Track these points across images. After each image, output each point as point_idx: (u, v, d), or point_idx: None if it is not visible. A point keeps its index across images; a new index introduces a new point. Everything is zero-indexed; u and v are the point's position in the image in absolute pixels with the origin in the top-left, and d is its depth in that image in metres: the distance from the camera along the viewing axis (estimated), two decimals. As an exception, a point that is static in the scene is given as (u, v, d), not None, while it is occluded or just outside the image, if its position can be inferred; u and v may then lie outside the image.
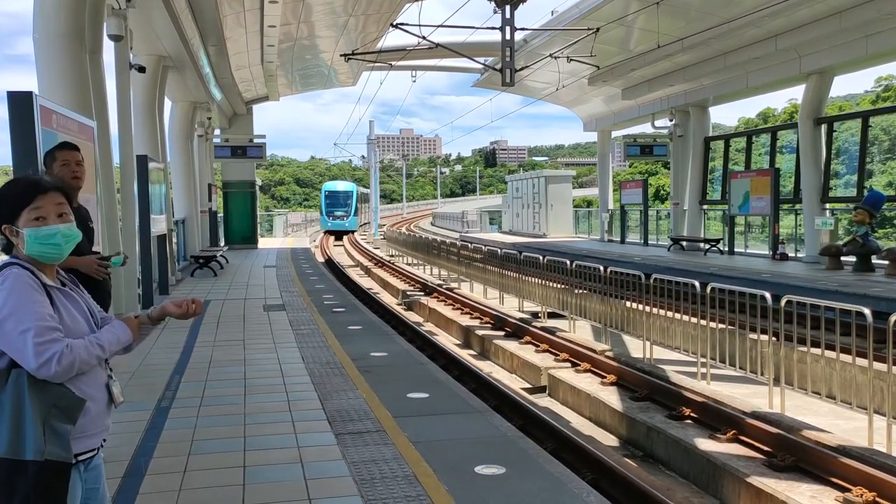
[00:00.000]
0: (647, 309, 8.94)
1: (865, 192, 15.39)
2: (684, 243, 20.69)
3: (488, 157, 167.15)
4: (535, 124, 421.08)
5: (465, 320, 12.55)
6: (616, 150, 42.84)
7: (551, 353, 9.57)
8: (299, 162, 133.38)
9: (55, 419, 2.06)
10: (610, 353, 8.99)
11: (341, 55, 18.71)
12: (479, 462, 4.32)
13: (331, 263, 24.77)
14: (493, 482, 4.05)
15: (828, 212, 16.44)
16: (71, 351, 2.07)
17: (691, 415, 6.60)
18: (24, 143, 5.41)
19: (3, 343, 2.04)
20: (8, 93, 5.48)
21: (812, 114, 16.36)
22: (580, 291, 10.78)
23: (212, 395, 6.01)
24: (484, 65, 21.13)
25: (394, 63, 21.06)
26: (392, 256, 27.32)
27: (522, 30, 16.34)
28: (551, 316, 11.71)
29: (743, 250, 19.25)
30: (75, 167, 4.10)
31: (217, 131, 24.91)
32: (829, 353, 6.28)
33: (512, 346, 10.20)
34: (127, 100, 10.74)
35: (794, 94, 51.70)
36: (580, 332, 10.69)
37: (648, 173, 53.00)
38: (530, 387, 8.83)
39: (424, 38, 14.52)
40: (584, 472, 5.30)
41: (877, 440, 5.60)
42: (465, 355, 10.46)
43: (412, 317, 14.24)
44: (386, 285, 19.56)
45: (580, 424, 7.44)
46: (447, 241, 22.11)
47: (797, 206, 17.93)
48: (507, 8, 13.59)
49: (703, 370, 7.76)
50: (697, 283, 8.18)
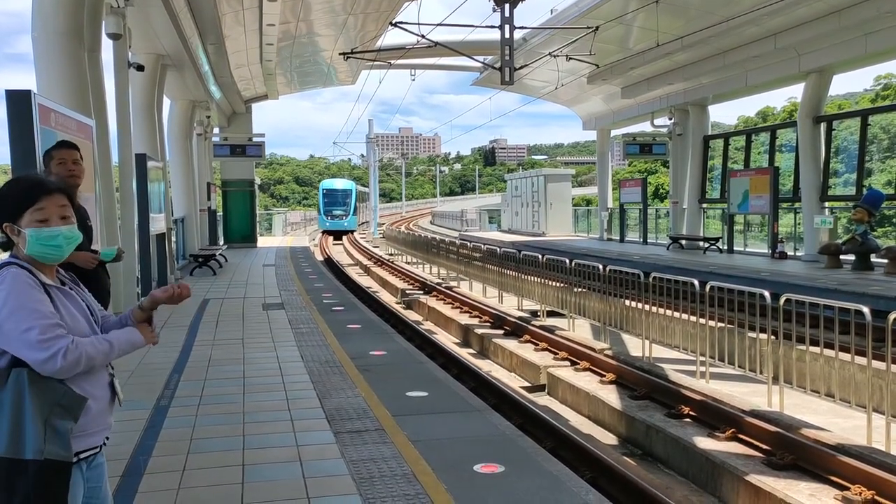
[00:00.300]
0: (647, 308, 8.94)
1: (864, 191, 15.40)
2: (683, 242, 20.69)
3: (487, 156, 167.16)
4: (534, 123, 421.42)
5: (465, 319, 12.56)
6: (615, 149, 42.85)
7: (550, 351, 9.57)
8: (298, 161, 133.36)
9: (57, 417, 2.06)
10: (609, 352, 8.99)
11: (340, 54, 18.72)
12: (478, 460, 4.32)
13: (330, 262, 24.76)
14: (492, 480, 4.06)
15: (827, 210, 16.44)
16: (76, 347, 2.07)
17: (690, 413, 6.60)
18: (23, 142, 5.40)
19: (5, 342, 2.04)
20: (6, 91, 5.48)
21: (811, 112, 16.37)
22: (579, 290, 10.78)
23: (211, 393, 6.01)
24: (483, 63, 21.11)
25: (393, 62, 21.06)
26: (391, 255, 27.32)
27: (521, 28, 16.36)
28: (550, 314, 11.71)
29: (742, 249, 19.26)
30: (72, 166, 4.09)
31: (216, 130, 24.90)
32: (828, 352, 6.28)
33: (511, 344, 10.20)
34: (126, 98, 10.74)
35: (794, 93, 51.66)
36: (579, 330, 10.69)
37: (648, 172, 52.99)
38: (529, 385, 8.84)
39: (423, 36, 14.51)
40: (583, 471, 5.30)
41: (876, 438, 5.61)
42: (465, 354, 10.46)
43: (411, 315, 14.24)
44: (385, 284, 19.56)
45: (579, 423, 7.44)
46: (446, 239, 22.11)
47: (796, 205, 17.93)
48: (506, 6, 13.59)
49: (702, 369, 7.77)
50: (696, 282, 8.18)
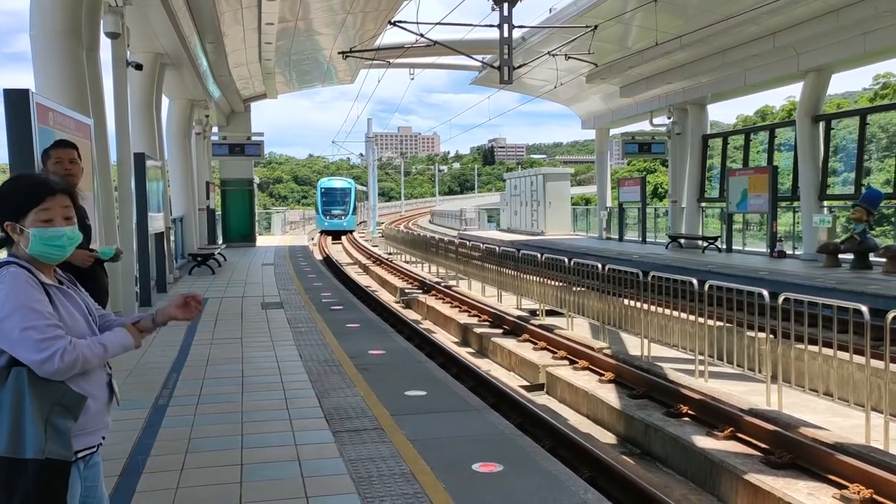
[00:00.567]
0: (645, 307, 8.94)
1: (863, 190, 15.41)
2: (682, 241, 20.70)
3: (486, 155, 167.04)
4: (533, 122, 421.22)
5: (464, 318, 12.55)
6: (614, 148, 42.81)
7: (549, 350, 9.57)
8: (297, 160, 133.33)
9: (58, 417, 2.06)
10: (608, 351, 9.00)
11: (339, 53, 18.70)
12: (477, 460, 4.32)
13: (329, 261, 24.75)
14: (491, 480, 4.05)
15: (826, 209, 16.46)
16: (74, 348, 2.07)
17: (689, 412, 6.60)
18: (21, 141, 5.39)
19: (3, 342, 2.03)
20: (4, 90, 5.46)
21: (810, 111, 16.37)
22: (578, 289, 10.78)
23: (209, 393, 6.01)
24: (482, 62, 21.08)
25: (392, 61, 21.03)
26: (390, 254, 27.31)
27: (520, 27, 16.34)
28: (549, 314, 11.71)
29: (741, 248, 19.27)
30: (69, 165, 4.08)
31: (215, 129, 24.89)
32: (827, 351, 6.28)
33: (510, 343, 10.20)
34: (124, 97, 10.72)
35: (793, 92, 51.61)
36: (578, 329, 10.69)
37: (647, 171, 52.98)
38: (528, 384, 8.84)
39: (422, 35, 14.49)
40: (581, 470, 5.30)
41: (874, 437, 5.61)
42: (464, 353, 10.46)
43: (410, 315, 14.24)
44: (384, 283, 19.56)
45: (578, 422, 7.44)
46: (445, 238, 22.12)
47: (795, 204, 17.94)
48: (505, 5, 13.58)
49: (701, 368, 7.77)
50: (695, 281, 8.18)
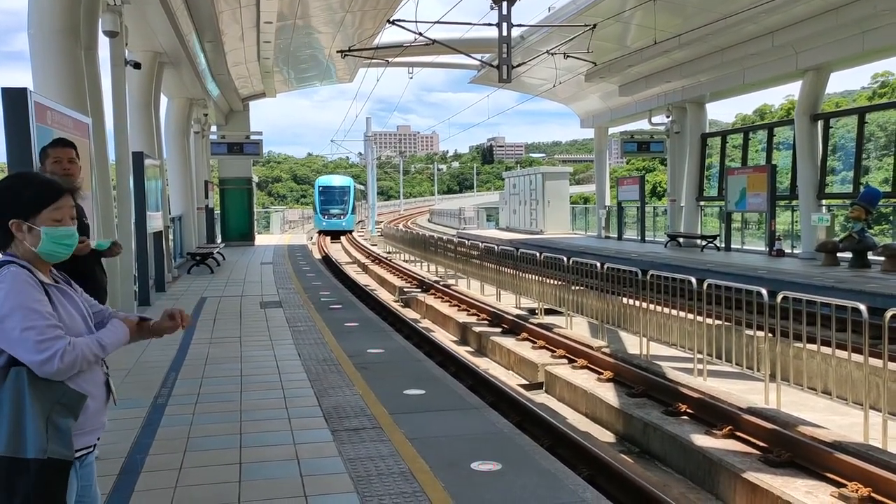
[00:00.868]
0: (644, 305, 8.95)
1: (862, 189, 15.41)
2: (681, 240, 20.71)
3: (485, 154, 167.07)
4: (532, 121, 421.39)
5: (462, 317, 12.56)
6: (613, 147, 42.77)
7: (548, 349, 9.57)
8: (296, 159, 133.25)
9: (58, 416, 2.06)
10: (607, 350, 9.00)
11: (338, 51, 18.68)
12: (476, 458, 4.32)
13: (328, 260, 24.74)
14: (490, 478, 4.06)
15: (824, 208, 16.47)
16: (73, 348, 2.07)
17: (687, 411, 6.61)
18: (19, 140, 5.39)
19: (3, 341, 2.03)
20: (2, 89, 5.45)
21: (808, 110, 16.38)
22: (577, 288, 10.79)
23: (208, 391, 6.01)
24: (481, 61, 21.06)
25: (391, 59, 21.01)
26: (389, 253, 27.31)
27: (519, 26, 16.32)
28: (548, 312, 11.72)
29: (739, 247, 19.28)
30: (67, 164, 4.07)
31: (213, 128, 24.86)
32: (825, 350, 6.28)
33: (509, 342, 10.20)
34: (122, 96, 10.70)
35: (791, 91, 51.75)
36: (577, 328, 10.69)
37: (645, 170, 53.00)
38: (527, 383, 8.84)
39: (421, 34, 14.48)
40: (580, 469, 5.30)
41: (872, 436, 5.62)
42: (462, 352, 10.46)
43: (409, 313, 14.24)
44: (383, 282, 19.56)
45: (577, 421, 7.45)
46: (444, 237, 22.12)
47: (794, 203, 17.95)
48: (504, 4, 13.58)
49: (700, 366, 7.77)
50: (694, 280, 8.19)
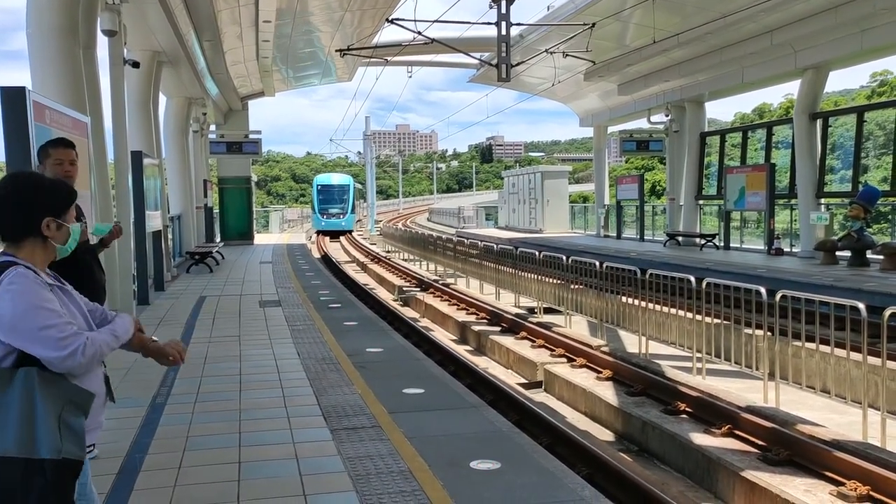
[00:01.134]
0: (643, 304, 8.95)
1: (860, 188, 15.42)
2: (680, 238, 20.72)
3: (484, 153, 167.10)
4: (531, 120, 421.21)
5: (462, 316, 12.56)
6: (612, 146, 42.71)
7: (547, 348, 9.58)
8: (295, 158, 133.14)
9: (70, 415, 2.05)
10: (605, 349, 9.01)
11: (337, 50, 18.68)
12: (475, 457, 4.32)
13: (327, 259, 24.74)
14: (489, 477, 4.06)
15: (823, 207, 16.47)
16: (92, 343, 2.09)
17: (686, 409, 6.62)
18: (18, 139, 5.38)
19: (20, 340, 2.02)
20: (1, 88, 5.44)
21: (807, 109, 16.39)
22: (576, 287, 10.79)
23: (207, 391, 6.01)
24: (480, 60, 21.09)
25: (389, 58, 21.01)
26: (388, 252, 27.31)
27: (518, 25, 16.32)
28: (547, 311, 11.72)
29: (738, 245, 19.29)
30: (68, 166, 4.06)
31: (212, 127, 24.85)
32: (824, 348, 6.29)
33: (508, 341, 10.20)
34: (121, 95, 10.70)
35: (790, 90, 51.81)
36: (576, 327, 10.70)
37: (644, 168, 52.98)
38: (526, 382, 8.85)
39: (420, 33, 14.47)
40: (579, 467, 5.31)
41: (871, 434, 5.62)
42: (461, 351, 10.46)
43: (408, 312, 14.24)
44: (382, 281, 19.55)
45: (576, 419, 7.45)
46: (443, 236, 22.13)
47: (792, 202, 17.96)
48: (503, 3, 13.58)
49: (699, 365, 7.78)
50: (693, 279, 8.19)
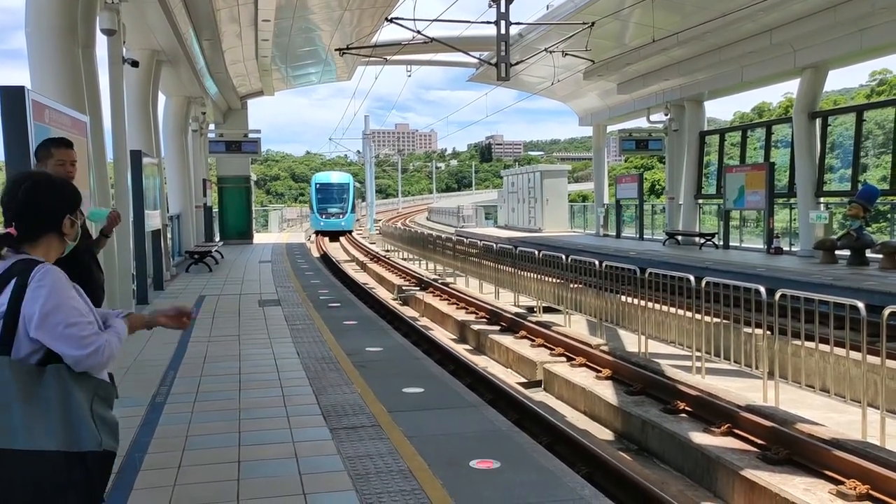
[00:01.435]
0: (643, 303, 8.95)
1: (860, 187, 15.43)
2: (679, 238, 20.73)
3: (484, 152, 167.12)
4: (530, 119, 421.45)
5: (461, 315, 12.56)
6: (611, 145, 42.70)
7: (547, 347, 9.58)
8: (294, 157, 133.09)
9: (100, 408, 2.10)
10: (605, 348, 9.01)
11: (336, 50, 18.68)
12: (475, 456, 4.32)
13: (326, 258, 24.74)
14: (489, 476, 4.06)
15: (822, 206, 16.48)
16: (108, 343, 2.12)
17: (686, 408, 6.62)
18: (17, 138, 5.38)
19: (47, 336, 2.04)
20: (0, 87, 5.44)
21: (807, 108, 16.39)
22: (575, 286, 10.79)
23: (206, 390, 6.01)
24: (479, 59, 21.10)
25: (389, 58, 21.02)
26: (388, 251, 27.31)
27: (518, 24, 16.33)
28: (547, 310, 11.72)
29: (738, 244, 19.30)
30: (69, 167, 4.06)
31: (211, 126, 24.84)
32: (823, 347, 6.29)
33: (507, 340, 10.20)
34: (120, 94, 10.69)
35: (789, 89, 51.82)
36: (575, 326, 10.70)
37: (644, 168, 52.98)
38: (526, 381, 8.85)
39: (419, 32, 14.48)
40: (578, 466, 5.31)
41: (870, 433, 5.63)
42: (461, 350, 10.46)
43: (408, 312, 14.24)
44: (381, 280, 19.56)
45: (575, 419, 7.45)
46: (443, 235, 22.12)
47: (792, 201, 17.97)
48: (502, 2, 13.58)
49: (698, 364, 7.78)
50: (692, 278, 8.19)
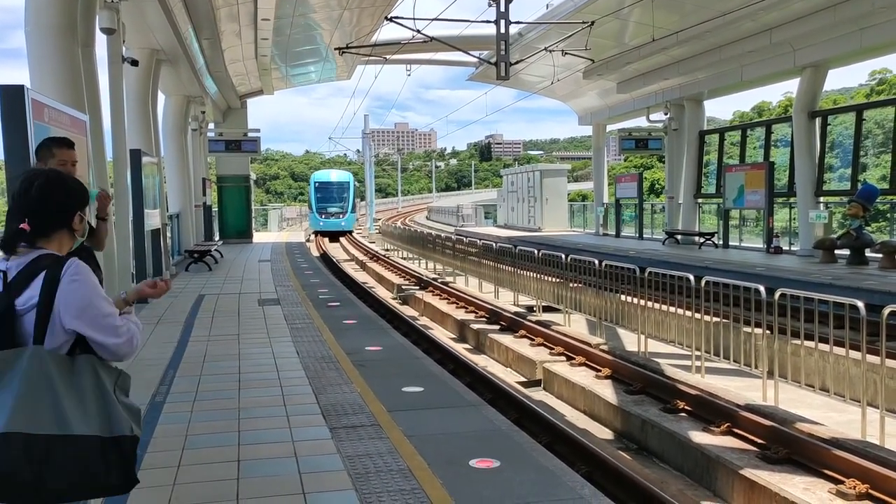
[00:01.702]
0: (642, 302, 8.95)
1: (859, 186, 15.43)
2: (679, 237, 20.72)
3: (483, 151, 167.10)
4: (530, 118, 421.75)
5: (461, 314, 12.56)
6: (611, 144, 42.65)
7: (546, 346, 9.58)
8: (294, 156, 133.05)
9: (122, 395, 2.21)
10: (605, 347, 9.01)
11: (336, 49, 18.67)
12: (474, 455, 4.32)
13: (326, 258, 24.74)
14: (488, 475, 4.06)
15: (822, 205, 16.48)
16: (136, 332, 2.28)
17: (685, 408, 6.62)
18: (16, 137, 5.38)
19: (87, 327, 2.15)
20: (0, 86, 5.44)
21: (806, 107, 16.38)
22: (575, 285, 10.79)
23: (206, 389, 6.00)
24: (479, 58, 21.10)
25: (388, 57, 21.01)
26: (387, 251, 27.31)
27: (517, 23, 16.32)
28: (546, 310, 11.72)
29: (737, 244, 19.29)
30: (71, 168, 4.08)
31: (211, 125, 24.83)
32: (823, 346, 6.30)
33: (507, 339, 10.21)
34: (120, 93, 10.69)
35: (789, 88, 51.76)
36: (575, 325, 10.70)
37: (643, 167, 52.96)
38: (525, 380, 8.85)
39: (419, 31, 14.47)
40: (578, 466, 5.31)
41: (870, 432, 5.63)
42: (461, 349, 10.46)
43: (407, 311, 14.24)
44: (381, 279, 19.56)
45: (575, 418, 7.45)
46: (442, 235, 22.12)
47: (791, 200, 17.96)
48: (502, 1, 13.57)
49: (698, 363, 7.78)
50: (692, 277, 8.19)
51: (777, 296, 6.86)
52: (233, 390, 5.93)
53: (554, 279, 11.44)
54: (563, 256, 11.30)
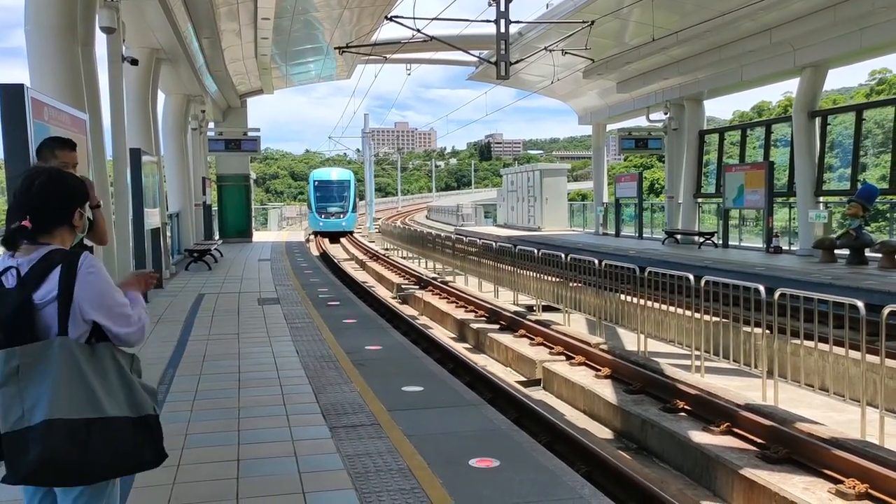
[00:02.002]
0: (642, 302, 8.96)
1: (859, 186, 15.42)
2: (679, 237, 20.72)
3: (483, 151, 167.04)
4: (530, 118, 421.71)
5: (460, 314, 12.56)
6: (611, 144, 42.64)
7: (546, 346, 9.58)
8: (294, 155, 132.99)
9: (137, 378, 2.33)
10: (604, 347, 9.01)
11: (336, 48, 18.66)
12: (474, 455, 4.32)
13: (325, 257, 24.74)
14: (488, 475, 4.06)
15: (821, 205, 16.48)
16: (145, 320, 2.42)
17: (685, 407, 6.62)
18: (16, 137, 5.37)
19: (104, 317, 2.26)
20: (-1, 85, 5.43)
21: (806, 107, 16.38)
22: (575, 285, 10.80)
23: (206, 388, 6.00)
24: (479, 58, 21.09)
25: (388, 56, 21.01)
26: (387, 250, 27.31)
27: (517, 23, 16.32)
28: (546, 309, 11.72)
29: (737, 243, 19.29)
30: (71, 169, 4.09)
31: (211, 124, 24.82)
32: (823, 346, 6.30)
33: (507, 339, 10.21)
34: (120, 93, 10.68)
35: (789, 88, 51.80)
36: (575, 325, 10.70)
37: (643, 167, 52.94)
38: (525, 380, 8.85)
39: (419, 30, 14.46)
40: (578, 465, 5.31)
41: (869, 432, 5.63)
42: (460, 349, 10.46)
43: (407, 310, 14.24)
44: (381, 279, 19.56)
45: (574, 417, 7.46)
46: (442, 234, 22.12)
47: (791, 200, 17.96)
48: (502, 1, 13.57)
49: (697, 363, 7.79)
50: (692, 277, 8.20)
51: (777, 295, 6.86)
52: (232, 389, 5.94)
53: (554, 279, 11.45)
54: (563, 256, 11.31)
